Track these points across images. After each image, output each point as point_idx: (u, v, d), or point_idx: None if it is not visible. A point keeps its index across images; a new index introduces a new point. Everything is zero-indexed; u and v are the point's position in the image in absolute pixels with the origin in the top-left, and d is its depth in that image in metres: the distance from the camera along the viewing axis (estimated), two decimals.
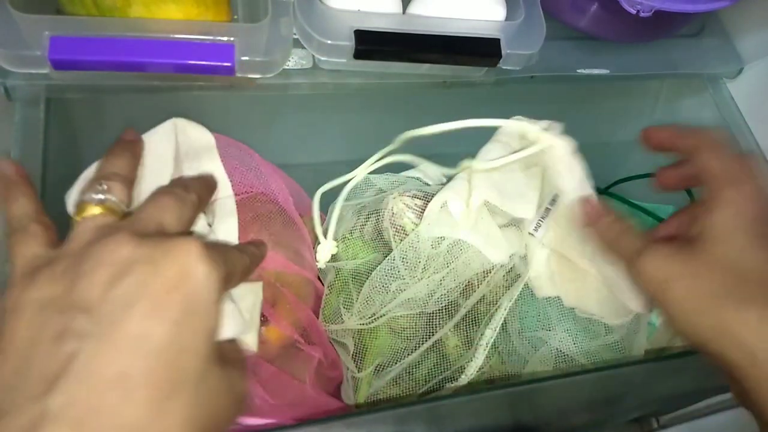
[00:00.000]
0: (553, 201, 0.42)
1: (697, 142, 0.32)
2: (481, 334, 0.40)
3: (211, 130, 0.39)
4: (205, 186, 0.32)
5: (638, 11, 0.42)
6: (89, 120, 0.48)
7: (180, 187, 0.28)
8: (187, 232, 0.26)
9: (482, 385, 0.39)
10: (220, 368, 0.23)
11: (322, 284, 0.44)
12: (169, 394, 0.21)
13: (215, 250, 0.24)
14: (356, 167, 0.47)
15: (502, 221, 0.43)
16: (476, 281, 0.41)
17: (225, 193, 0.35)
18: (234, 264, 0.25)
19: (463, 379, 0.39)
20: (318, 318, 0.43)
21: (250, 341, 0.31)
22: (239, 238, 0.34)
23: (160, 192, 0.27)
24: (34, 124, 0.38)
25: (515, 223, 0.44)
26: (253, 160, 0.41)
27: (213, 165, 0.35)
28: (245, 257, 0.27)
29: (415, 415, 0.34)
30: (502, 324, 0.41)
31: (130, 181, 0.28)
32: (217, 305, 0.23)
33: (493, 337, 0.40)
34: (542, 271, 0.42)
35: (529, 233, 0.42)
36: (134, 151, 0.31)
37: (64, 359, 0.21)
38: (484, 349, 0.40)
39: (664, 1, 0.42)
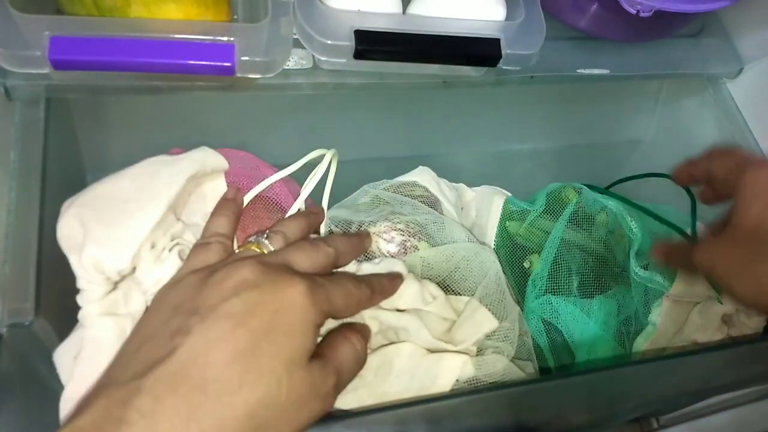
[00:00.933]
0: None
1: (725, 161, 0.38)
2: None
3: (211, 129, 0.39)
4: (350, 245, 0.34)
5: (638, 11, 0.42)
6: (89, 120, 0.48)
7: (323, 239, 0.33)
8: (306, 274, 0.29)
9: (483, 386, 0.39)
10: (304, 372, 0.26)
11: None
12: (241, 385, 0.24)
13: (321, 289, 0.28)
14: (356, 167, 0.47)
15: None
16: None
17: None
18: (338, 302, 0.29)
19: None
20: None
21: None
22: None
23: (302, 239, 0.33)
24: (34, 124, 0.38)
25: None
26: (254, 163, 0.41)
27: (217, 183, 0.35)
28: (361, 290, 0.31)
29: (416, 415, 0.34)
30: None
31: (231, 239, 0.33)
32: (308, 335, 0.27)
33: None
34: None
35: None
36: (235, 210, 0.34)
37: (167, 351, 0.25)
38: None
39: (664, 1, 0.42)
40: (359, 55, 0.39)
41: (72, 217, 0.30)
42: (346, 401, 0.34)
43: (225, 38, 0.36)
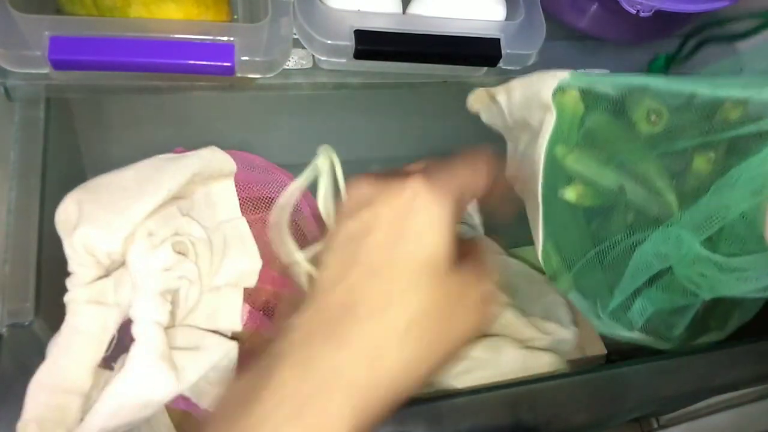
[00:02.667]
0: None
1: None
2: None
3: (212, 129, 0.39)
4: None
5: (638, 11, 0.42)
6: (89, 120, 0.48)
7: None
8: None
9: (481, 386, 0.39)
10: (453, 275, 0.24)
11: None
12: (388, 303, 0.23)
13: (438, 182, 0.25)
14: (356, 167, 0.47)
15: None
16: None
17: (234, 215, 0.35)
18: (458, 189, 0.26)
19: None
20: None
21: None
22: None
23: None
24: (34, 124, 0.38)
25: None
26: (264, 166, 0.41)
27: (225, 185, 0.35)
28: (473, 175, 0.27)
29: (415, 415, 0.34)
30: None
31: None
32: (441, 232, 0.24)
33: None
34: None
35: None
36: None
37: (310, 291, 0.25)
38: None
39: (664, 1, 0.42)
40: (359, 55, 0.39)
41: (71, 201, 0.30)
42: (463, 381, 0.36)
43: (225, 38, 0.36)
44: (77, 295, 0.29)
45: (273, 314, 0.38)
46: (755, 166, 0.30)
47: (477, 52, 0.41)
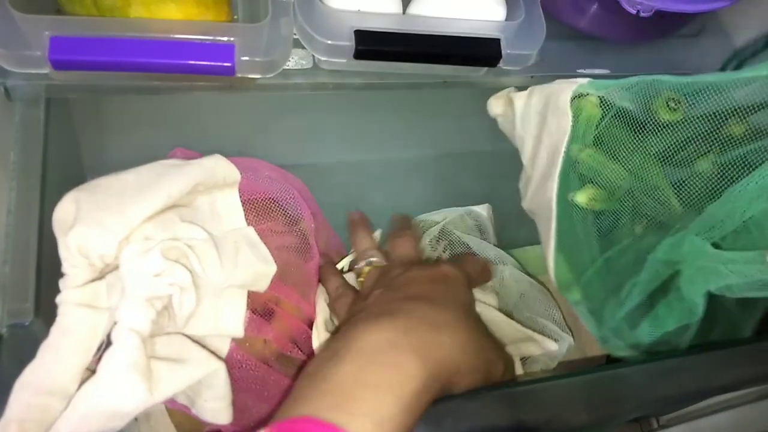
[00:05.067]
0: None
1: None
2: None
3: (212, 130, 0.39)
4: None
5: (638, 11, 0.42)
6: (89, 120, 0.48)
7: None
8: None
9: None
10: (475, 321, 0.34)
11: None
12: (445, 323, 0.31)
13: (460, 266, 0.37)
14: (355, 168, 0.47)
15: None
16: None
17: (239, 225, 0.35)
18: (471, 273, 0.38)
19: None
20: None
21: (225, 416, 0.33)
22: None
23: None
24: (35, 124, 0.38)
25: None
26: (266, 173, 0.40)
27: (229, 194, 0.35)
28: (477, 265, 0.41)
29: (424, 413, 0.34)
30: None
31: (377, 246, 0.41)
32: (468, 293, 0.36)
33: None
34: None
35: None
36: (366, 226, 0.42)
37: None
38: None
39: (664, 1, 0.42)
40: (359, 55, 0.39)
41: (69, 200, 0.29)
42: None
43: (225, 38, 0.36)
44: (68, 296, 0.29)
45: (272, 319, 0.37)
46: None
47: (477, 53, 0.41)
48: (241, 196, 0.35)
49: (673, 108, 0.37)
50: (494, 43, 0.41)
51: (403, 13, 0.42)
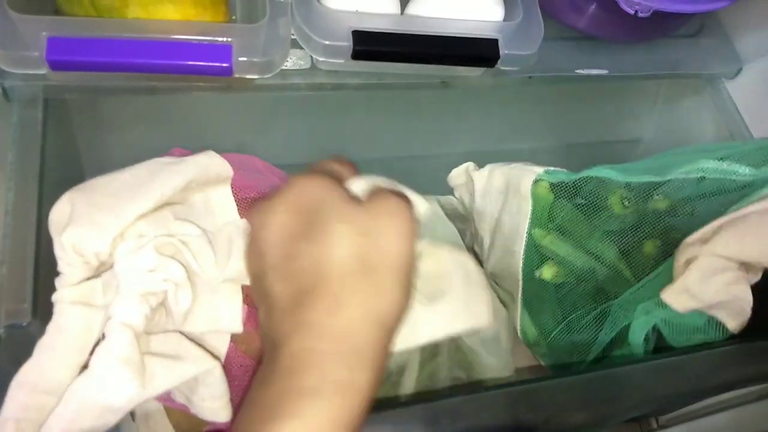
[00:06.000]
0: None
1: None
2: None
3: (210, 130, 0.38)
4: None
5: (636, 11, 0.42)
6: (87, 120, 0.48)
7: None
8: None
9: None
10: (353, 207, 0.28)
11: None
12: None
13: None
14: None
15: None
16: None
17: (232, 218, 0.35)
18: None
19: None
20: None
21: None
22: None
23: None
24: (32, 125, 0.38)
25: None
26: (258, 168, 0.40)
27: (222, 191, 0.35)
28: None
29: (412, 415, 0.34)
30: None
31: None
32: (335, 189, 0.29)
33: None
34: None
35: None
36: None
37: None
38: None
39: (662, 1, 0.42)
40: (357, 55, 0.39)
41: (65, 201, 0.29)
42: None
43: (222, 39, 0.36)
44: (64, 295, 0.29)
45: None
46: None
47: (475, 53, 0.41)
48: (233, 192, 0.35)
49: (626, 205, 0.43)
50: (492, 43, 0.41)
51: (402, 13, 0.42)
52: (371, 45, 0.39)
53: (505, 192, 0.45)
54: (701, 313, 0.39)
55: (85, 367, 0.29)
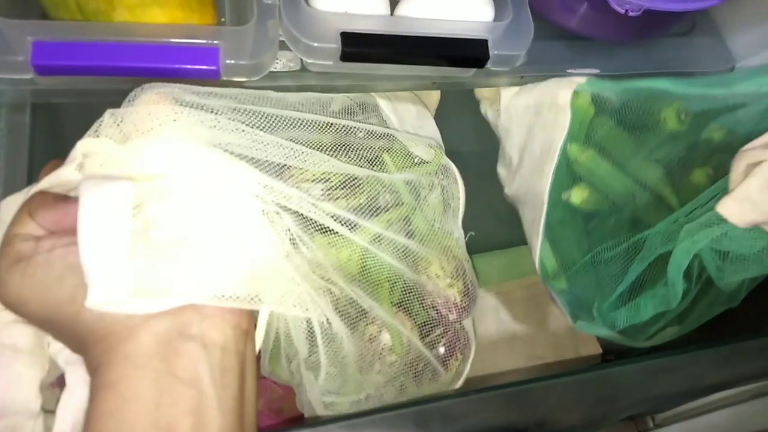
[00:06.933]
0: None
1: None
2: None
3: None
4: None
5: (627, 10, 0.42)
6: (76, 125, 0.47)
7: None
8: None
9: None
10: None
11: None
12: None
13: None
14: None
15: None
16: None
17: None
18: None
19: None
20: None
21: None
22: None
23: None
24: (20, 130, 0.38)
25: None
26: None
27: None
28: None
29: (403, 418, 0.34)
30: None
31: None
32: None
33: None
34: None
35: None
36: None
37: None
38: None
39: (653, 0, 0.42)
40: (346, 57, 0.39)
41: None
42: None
43: (210, 41, 0.36)
44: (4, 315, 0.29)
45: None
46: None
47: (464, 54, 0.41)
48: None
49: (682, 119, 0.38)
50: (481, 44, 0.41)
51: (391, 14, 0.41)
52: (360, 47, 0.39)
53: (538, 106, 0.41)
54: (762, 232, 0.33)
55: (58, 385, 0.29)
